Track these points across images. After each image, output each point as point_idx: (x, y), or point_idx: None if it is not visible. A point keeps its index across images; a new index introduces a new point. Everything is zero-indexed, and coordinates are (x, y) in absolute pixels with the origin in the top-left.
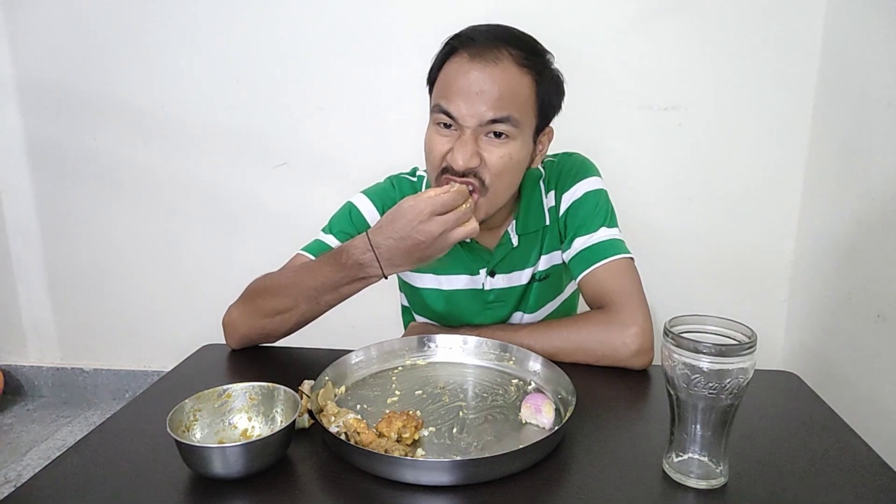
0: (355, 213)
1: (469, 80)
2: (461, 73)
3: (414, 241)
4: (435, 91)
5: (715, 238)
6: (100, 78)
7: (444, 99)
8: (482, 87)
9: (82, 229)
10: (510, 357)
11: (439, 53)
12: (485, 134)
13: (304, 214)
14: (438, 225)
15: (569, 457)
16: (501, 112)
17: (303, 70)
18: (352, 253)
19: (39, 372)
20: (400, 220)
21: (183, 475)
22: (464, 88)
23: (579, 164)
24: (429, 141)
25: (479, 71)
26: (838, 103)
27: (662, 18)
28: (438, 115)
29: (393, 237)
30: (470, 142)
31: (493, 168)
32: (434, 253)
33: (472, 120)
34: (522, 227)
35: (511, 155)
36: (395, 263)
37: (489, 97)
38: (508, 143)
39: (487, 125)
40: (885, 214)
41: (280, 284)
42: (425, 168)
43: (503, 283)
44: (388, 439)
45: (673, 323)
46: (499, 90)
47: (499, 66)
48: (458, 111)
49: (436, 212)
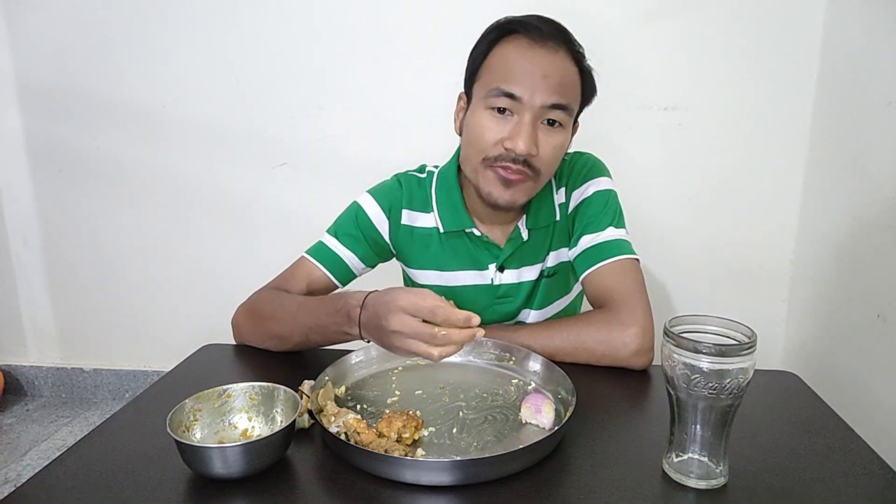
0: (361, 216)
1: (533, 64)
2: (525, 56)
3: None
4: (488, 74)
5: (715, 238)
6: (100, 78)
7: (505, 81)
8: (547, 72)
9: (82, 229)
10: (510, 357)
11: (487, 37)
12: (541, 121)
13: (305, 214)
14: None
15: (569, 457)
16: (563, 98)
17: (303, 70)
18: (348, 301)
19: (39, 372)
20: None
21: (183, 475)
22: (528, 71)
23: (591, 164)
24: (480, 126)
25: (543, 56)
26: (838, 103)
27: (663, 19)
28: (497, 98)
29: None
30: (531, 126)
31: (545, 157)
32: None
33: (536, 103)
34: (533, 221)
35: (562, 144)
36: (368, 330)
37: (552, 83)
38: (560, 131)
39: (546, 110)
40: (885, 214)
41: (283, 313)
42: (435, 165)
43: (512, 278)
44: (388, 439)
45: (673, 323)
46: (560, 78)
47: (559, 55)
48: (523, 93)
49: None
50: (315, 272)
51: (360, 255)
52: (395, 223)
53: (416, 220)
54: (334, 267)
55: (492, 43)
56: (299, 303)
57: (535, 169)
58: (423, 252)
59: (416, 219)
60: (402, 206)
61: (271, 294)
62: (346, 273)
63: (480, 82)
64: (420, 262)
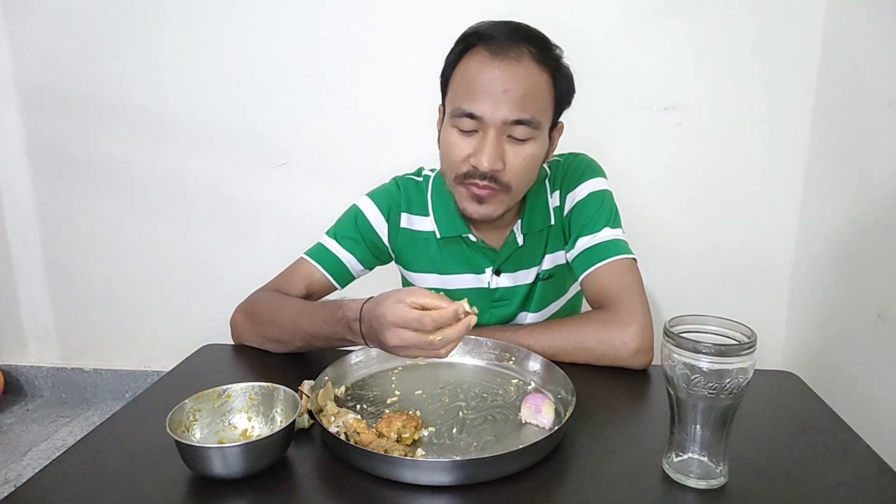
0: (360, 219)
1: (493, 79)
2: (484, 71)
3: (380, 336)
4: (453, 91)
5: (715, 238)
6: (100, 78)
7: (466, 100)
8: (506, 86)
9: (82, 229)
10: (510, 357)
11: (454, 50)
12: (507, 135)
13: (304, 214)
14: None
15: (569, 457)
16: (525, 113)
17: (303, 70)
18: (346, 313)
19: (39, 372)
20: (381, 318)
21: (183, 475)
22: (488, 87)
23: (585, 165)
24: (448, 143)
25: (502, 69)
26: (838, 103)
27: (663, 19)
28: (461, 119)
29: (372, 319)
30: (495, 142)
31: (515, 170)
32: (383, 340)
33: (498, 120)
34: (528, 226)
35: (532, 155)
36: (371, 341)
37: (513, 96)
38: (529, 143)
39: (510, 126)
40: (885, 214)
41: (281, 319)
42: (431, 168)
43: (508, 281)
44: (388, 439)
45: (673, 323)
46: (522, 89)
47: (521, 65)
48: (483, 111)
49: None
50: (314, 273)
51: (359, 257)
52: (395, 226)
53: (414, 224)
54: (333, 269)
55: (457, 57)
56: (297, 310)
57: (504, 183)
58: (422, 255)
59: (414, 222)
60: (402, 209)
61: (270, 297)
62: (345, 275)
63: (448, 98)
64: (419, 266)
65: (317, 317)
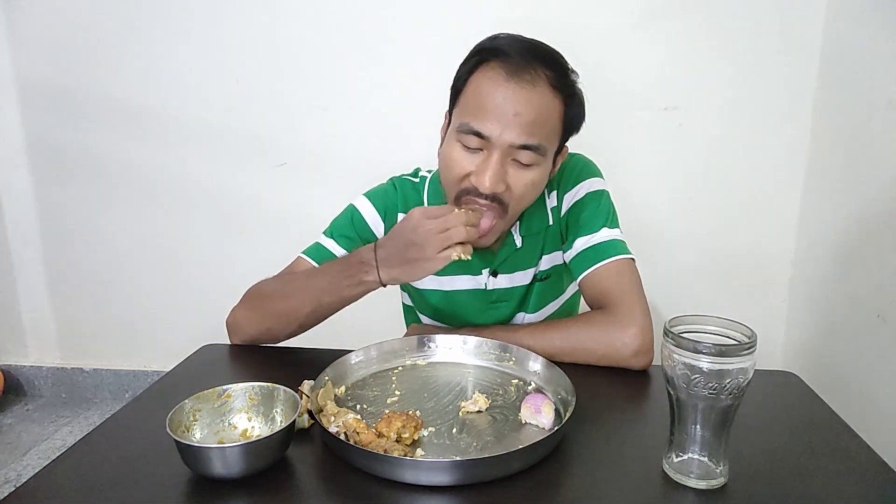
0: (357, 217)
1: (505, 99)
2: (496, 90)
3: (407, 241)
4: (462, 105)
5: (715, 238)
6: (100, 78)
7: (474, 118)
8: (518, 109)
9: (82, 229)
10: (510, 357)
11: (468, 61)
12: (511, 158)
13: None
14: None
15: (569, 457)
16: (532, 139)
17: (303, 70)
18: (359, 251)
19: (39, 372)
20: (404, 223)
21: (183, 475)
22: (499, 107)
23: (581, 165)
24: (450, 158)
25: (516, 91)
26: (838, 103)
27: (663, 19)
28: (467, 136)
29: (392, 237)
30: (499, 164)
31: (517, 194)
32: (426, 255)
33: (505, 142)
34: (526, 228)
35: (535, 181)
36: (390, 264)
37: (524, 121)
38: (533, 169)
39: (516, 150)
40: (886, 214)
41: (288, 286)
42: (428, 169)
43: (505, 283)
44: (388, 439)
45: (673, 323)
46: (534, 114)
47: (536, 90)
48: (491, 132)
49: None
50: None
51: None
52: (391, 226)
53: None
54: None
55: (472, 69)
56: (307, 274)
57: (505, 204)
58: None
59: None
60: (398, 209)
61: (264, 282)
62: None
63: (457, 110)
64: None
65: (329, 268)
